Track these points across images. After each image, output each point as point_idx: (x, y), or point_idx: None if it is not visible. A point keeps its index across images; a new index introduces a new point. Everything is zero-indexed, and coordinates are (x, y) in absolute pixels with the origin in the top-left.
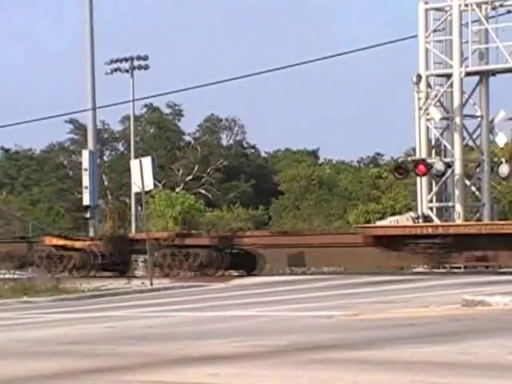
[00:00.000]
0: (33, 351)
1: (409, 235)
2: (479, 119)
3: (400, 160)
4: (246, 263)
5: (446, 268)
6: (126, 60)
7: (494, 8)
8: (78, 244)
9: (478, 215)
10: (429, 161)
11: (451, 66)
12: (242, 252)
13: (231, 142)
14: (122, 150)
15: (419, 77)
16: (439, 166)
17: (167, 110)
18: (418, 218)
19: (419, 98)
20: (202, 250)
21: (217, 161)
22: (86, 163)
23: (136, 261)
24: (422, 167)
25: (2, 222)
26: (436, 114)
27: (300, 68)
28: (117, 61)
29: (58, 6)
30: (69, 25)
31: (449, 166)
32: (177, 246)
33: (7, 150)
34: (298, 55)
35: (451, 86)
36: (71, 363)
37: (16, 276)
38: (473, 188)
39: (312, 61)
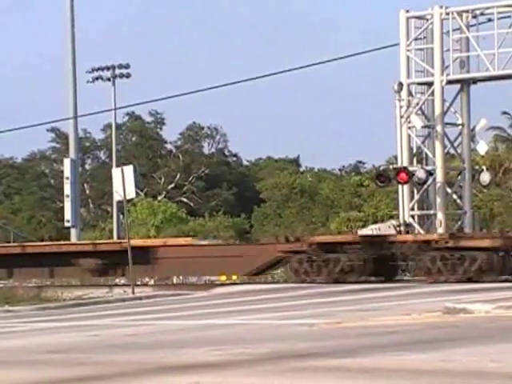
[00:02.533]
0: (13, 360)
1: None
2: (460, 127)
3: (382, 168)
4: None
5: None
6: (108, 68)
7: (474, 16)
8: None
9: (459, 223)
10: (410, 169)
11: (432, 74)
12: None
13: (213, 150)
14: (103, 158)
15: (400, 85)
16: (421, 173)
17: (149, 119)
18: (399, 225)
19: (401, 107)
20: (479, 253)
21: (198, 169)
22: (67, 172)
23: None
24: (403, 175)
25: None
26: (417, 122)
27: (282, 76)
28: (98, 69)
29: (39, 13)
30: (50, 33)
31: (430, 173)
32: (448, 249)
33: None
34: (280, 64)
35: (432, 94)
36: (52, 372)
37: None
38: (454, 196)
39: (293, 69)
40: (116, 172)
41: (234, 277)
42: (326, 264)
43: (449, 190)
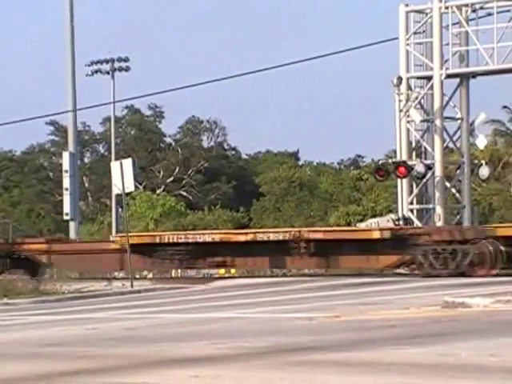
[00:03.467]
0: (12, 353)
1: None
2: (459, 121)
3: (381, 162)
4: None
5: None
6: (107, 62)
7: (474, 10)
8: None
9: (458, 217)
10: (409, 163)
11: (432, 69)
12: None
13: (212, 143)
14: (102, 151)
15: (400, 79)
16: (420, 167)
17: (148, 112)
18: (398, 219)
19: (400, 100)
20: None
21: (198, 162)
22: (66, 165)
23: None
24: (402, 169)
25: None
26: (416, 116)
27: (281, 70)
28: (97, 62)
29: (38, 6)
30: (49, 26)
31: (429, 167)
32: None
33: None
34: (280, 57)
35: (432, 88)
36: (51, 365)
37: None
38: (453, 190)
39: (293, 63)
40: (115, 165)
41: (233, 270)
42: None
43: (448, 184)
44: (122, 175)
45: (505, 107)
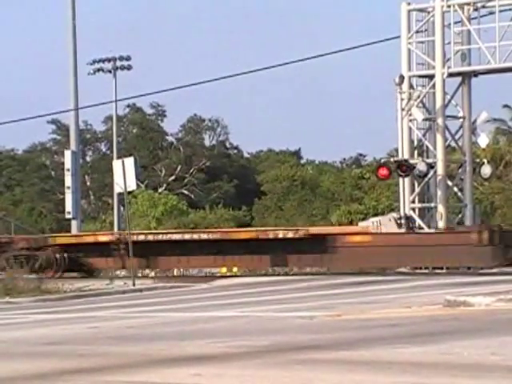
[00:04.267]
0: (14, 352)
1: None
2: (461, 120)
3: (382, 161)
4: None
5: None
6: (109, 60)
7: (476, 9)
8: None
9: (460, 216)
10: (411, 161)
11: (433, 67)
12: None
13: (214, 142)
14: (104, 150)
15: (402, 78)
16: (421, 166)
17: (150, 111)
18: (400, 218)
19: (402, 99)
20: None
21: (199, 161)
22: (68, 163)
23: None
24: (404, 168)
25: None
26: (418, 114)
27: (283, 68)
28: (99, 61)
29: (40, 5)
30: (51, 25)
31: (431, 166)
32: None
33: None
34: (281, 56)
35: (433, 86)
36: (53, 364)
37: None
38: (455, 189)
39: (295, 61)
40: (117, 164)
41: (235, 269)
42: None
43: (449, 183)
44: (124, 174)
45: (506, 106)
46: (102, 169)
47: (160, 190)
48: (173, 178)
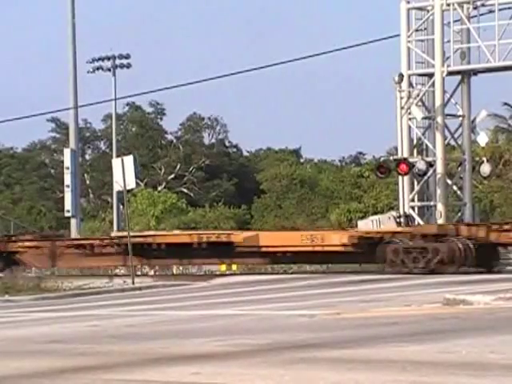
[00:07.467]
0: (13, 350)
1: None
2: (461, 119)
3: (382, 159)
4: None
5: None
6: (108, 59)
7: (475, 7)
8: None
9: (459, 214)
10: (411, 160)
11: (433, 66)
12: None
13: (213, 140)
14: (103, 148)
15: (401, 76)
16: (421, 165)
17: (149, 109)
18: (399, 217)
19: (401, 98)
20: None
21: (199, 159)
22: (67, 162)
23: None
24: (403, 166)
25: None
26: (418, 113)
27: (282, 67)
28: (99, 59)
29: (40, 3)
30: (50, 23)
31: (430, 165)
32: None
33: None
34: (281, 54)
35: (433, 85)
36: (53, 362)
37: None
38: (454, 187)
39: (293, 60)
40: (116, 162)
41: (234, 267)
42: None
43: (449, 182)
44: (124, 172)
45: (506, 104)
46: (101, 167)
47: (159, 189)
48: (172, 176)
